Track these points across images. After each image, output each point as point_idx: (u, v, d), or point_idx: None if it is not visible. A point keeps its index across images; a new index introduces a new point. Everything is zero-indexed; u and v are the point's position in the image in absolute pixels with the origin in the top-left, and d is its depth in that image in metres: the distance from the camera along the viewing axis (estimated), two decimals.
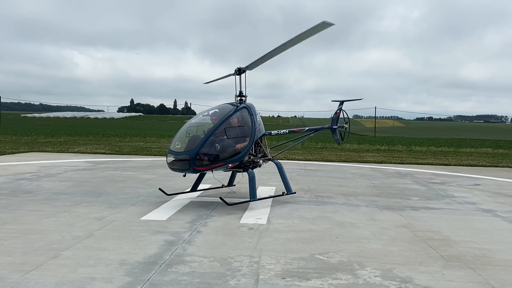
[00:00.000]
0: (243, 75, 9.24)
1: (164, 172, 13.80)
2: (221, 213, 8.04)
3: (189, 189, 9.93)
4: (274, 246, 6.04)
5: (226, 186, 10.48)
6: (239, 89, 9.30)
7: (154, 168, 14.91)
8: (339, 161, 19.79)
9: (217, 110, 8.79)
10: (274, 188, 11.13)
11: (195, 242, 6.14)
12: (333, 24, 7.33)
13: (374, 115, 63.29)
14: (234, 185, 10.65)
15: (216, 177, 10.53)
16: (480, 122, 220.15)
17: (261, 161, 9.28)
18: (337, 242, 6.33)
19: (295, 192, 9.77)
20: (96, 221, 7.18)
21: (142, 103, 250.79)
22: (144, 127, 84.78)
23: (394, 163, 19.61)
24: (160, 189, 10.01)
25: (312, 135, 10.82)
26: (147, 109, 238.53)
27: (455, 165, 19.32)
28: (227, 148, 8.25)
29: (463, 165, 19.18)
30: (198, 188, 9.88)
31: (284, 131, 10.40)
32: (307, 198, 9.91)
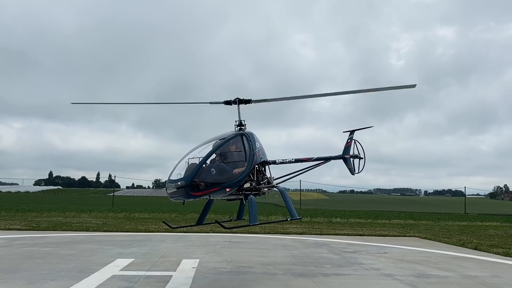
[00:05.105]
0: (242, 105, 9.48)
1: (85, 248, 13.56)
2: (142, 287, 8.25)
3: (194, 223, 10.02)
4: None
5: (235, 220, 10.51)
6: (238, 119, 9.48)
7: (74, 244, 14.54)
8: (264, 233, 20.43)
9: (214, 138, 8.95)
10: (197, 260, 11.46)
11: None
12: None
13: (299, 188, 65.67)
14: (244, 219, 10.48)
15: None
16: (397, 195, 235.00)
17: (265, 189, 9.44)
18: None
19: (301, 218, 9.60)
20: None
21: (62, 175, 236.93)
22: (63, 201, 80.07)
23: (314, 234, 20.68)
24: (164, 222, 10.69)
25: (321, 164, 10.76)
26: (67, 182, 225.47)
27: (369, 235, 20.80)
28: (222, 172, 8.33)
29: (376, 235, 20.72)
30: (204, 222, 9.93)
31: (290, 159, 10.29)
32: (229, 269, 10.39)
